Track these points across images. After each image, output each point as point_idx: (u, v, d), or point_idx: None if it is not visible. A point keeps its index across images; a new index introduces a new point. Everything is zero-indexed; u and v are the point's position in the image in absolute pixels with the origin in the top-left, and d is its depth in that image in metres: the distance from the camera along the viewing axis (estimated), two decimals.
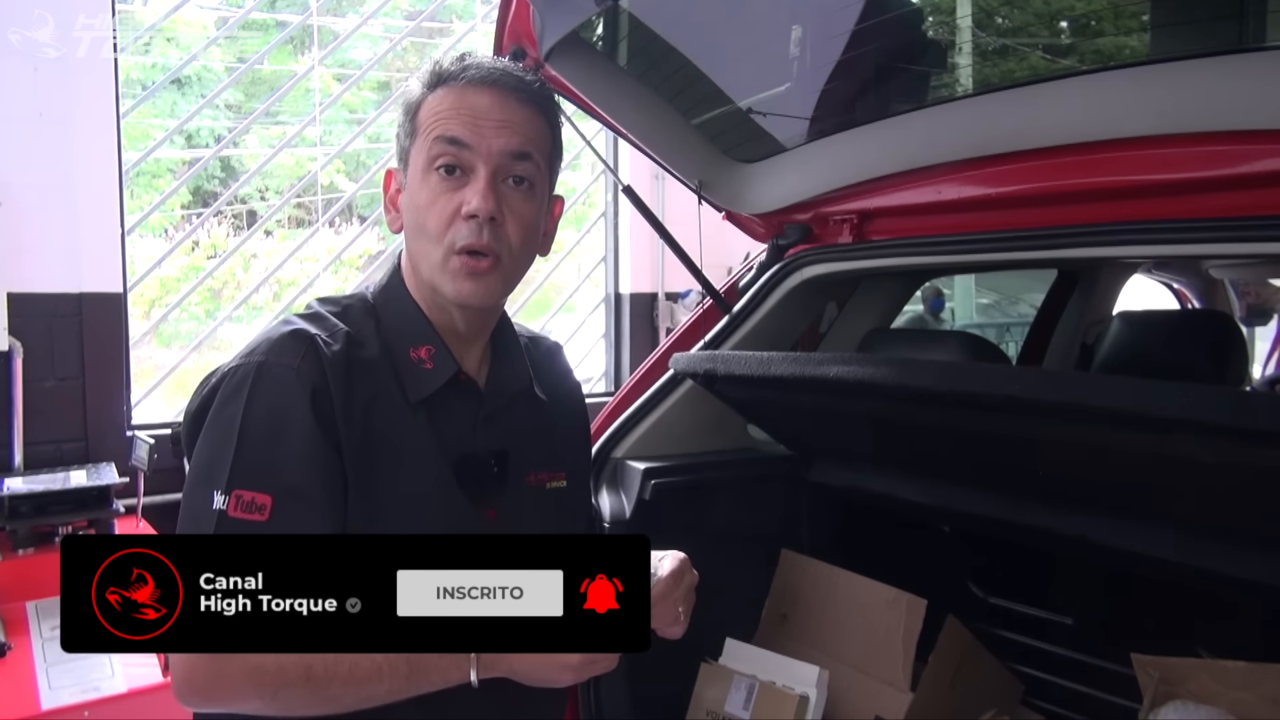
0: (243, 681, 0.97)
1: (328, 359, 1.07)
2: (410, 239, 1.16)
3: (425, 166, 1.12)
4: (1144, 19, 1.63)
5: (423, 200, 1.12)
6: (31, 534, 2.56)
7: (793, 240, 1.98)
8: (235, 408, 1.03)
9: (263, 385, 1.04)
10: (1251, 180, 1.31)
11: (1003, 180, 1.63)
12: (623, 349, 4.75)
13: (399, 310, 1.18)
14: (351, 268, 7.15)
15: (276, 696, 0.98)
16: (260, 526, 1.00)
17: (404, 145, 1.16)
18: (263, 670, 0.97)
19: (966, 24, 1.75)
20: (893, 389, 1.44)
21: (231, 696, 0.99)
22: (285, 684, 0.97)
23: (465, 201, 1.10)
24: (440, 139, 1.11)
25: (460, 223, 1.10)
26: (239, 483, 1.00)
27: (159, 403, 3.91)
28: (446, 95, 1.13)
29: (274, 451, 1.02)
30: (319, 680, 0.98)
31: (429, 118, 1.13)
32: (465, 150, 1.11)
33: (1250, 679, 1.36)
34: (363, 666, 0.99)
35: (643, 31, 1.85)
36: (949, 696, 1.69)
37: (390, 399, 1.12)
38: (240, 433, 1.02)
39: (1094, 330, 2.82)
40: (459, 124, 1.11)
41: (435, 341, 1.17)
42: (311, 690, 0.98)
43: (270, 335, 1.09)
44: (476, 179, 1.11)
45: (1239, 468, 1.21)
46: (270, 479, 1.02)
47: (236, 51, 7.92)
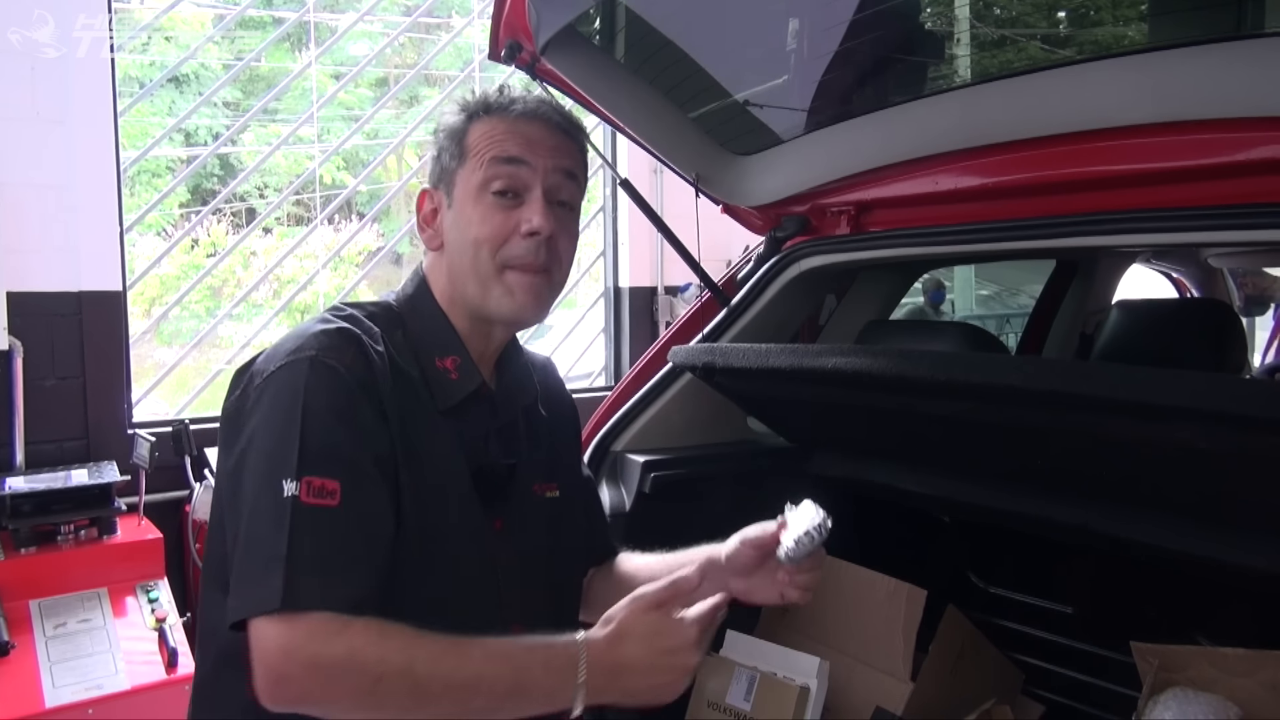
0: (340, 672, 0.95)
1: (373, 357, 1.10)
2: (455, 255, 1.19)
3: (480, 187, 1.17)
4: (1141, 8, 1.63)
5: (477, 218, 1.16)
6: (33, 533, 2.56)
7: (790, 232, 1.98)
8: (293, 400, 1.04)
9: (318, 378, 1.05)
10: (1249, 168, 1.31)
11: (1000, 170, 1.63)
12: (622, 343, 4.74)
13: (426, 320, 1.21)
14: (351, 264, 7.16)
15: (375, 691, 0.95)
16: (333, 512, 1.00)
17: (449, 167, 1.20)
18: (363, 659, 0.95)
19: (964, 14, 1.75)
20: (891, 380, 1.44)
21: (326, 690, 0.96)
22: (384, 676, 0.95)
23: (524, 220, 1.15)
24: (497, 159, 1.16)
25: (517, 240, 1.16)
26: (308, 470, 1.00)
27: (159, 401, 3.92)
28: (498, 123, 1.18)
29: (337, 439, 1.03)
30: (419, 678, 0.96)
31: (481, 141, 1.18)
32: (523, 168, 1.17)
33: (1249, 665, 1.37)
34: (465, 671, 0.98)
35: (639, 25, 1.84)
36: (949, 686, 1.69)
37: (420, 405, 1.15)
38: (303, 423, 1.02)
39: (1093, 320, 2.82)
40: (515, 145, 1.17)
41: (461, 353, 1.20)
42: (410, 688, 0.96)
43: (312, 331, 1.10)
44: (533, 199, 1.16)
45: (1238, 455, 1.21)
46: (338, 465, 1.02)
47: (233, 49, 7.92)
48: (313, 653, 0.95)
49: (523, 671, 1.00)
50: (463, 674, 0.98)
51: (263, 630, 0.97)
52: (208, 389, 3.91)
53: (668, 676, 1.04)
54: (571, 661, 1.01)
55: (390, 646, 0.96)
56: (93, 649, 2.36)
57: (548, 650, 1.02)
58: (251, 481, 1.03)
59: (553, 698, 1.01)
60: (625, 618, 1.04)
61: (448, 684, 0.98)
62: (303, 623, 0.96)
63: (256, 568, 0.98)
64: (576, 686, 1.00)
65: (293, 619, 0.96)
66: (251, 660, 0.97)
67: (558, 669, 1.01)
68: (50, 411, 2.98)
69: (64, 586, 2.51)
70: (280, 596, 0.95)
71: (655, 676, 1.04)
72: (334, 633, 0.96)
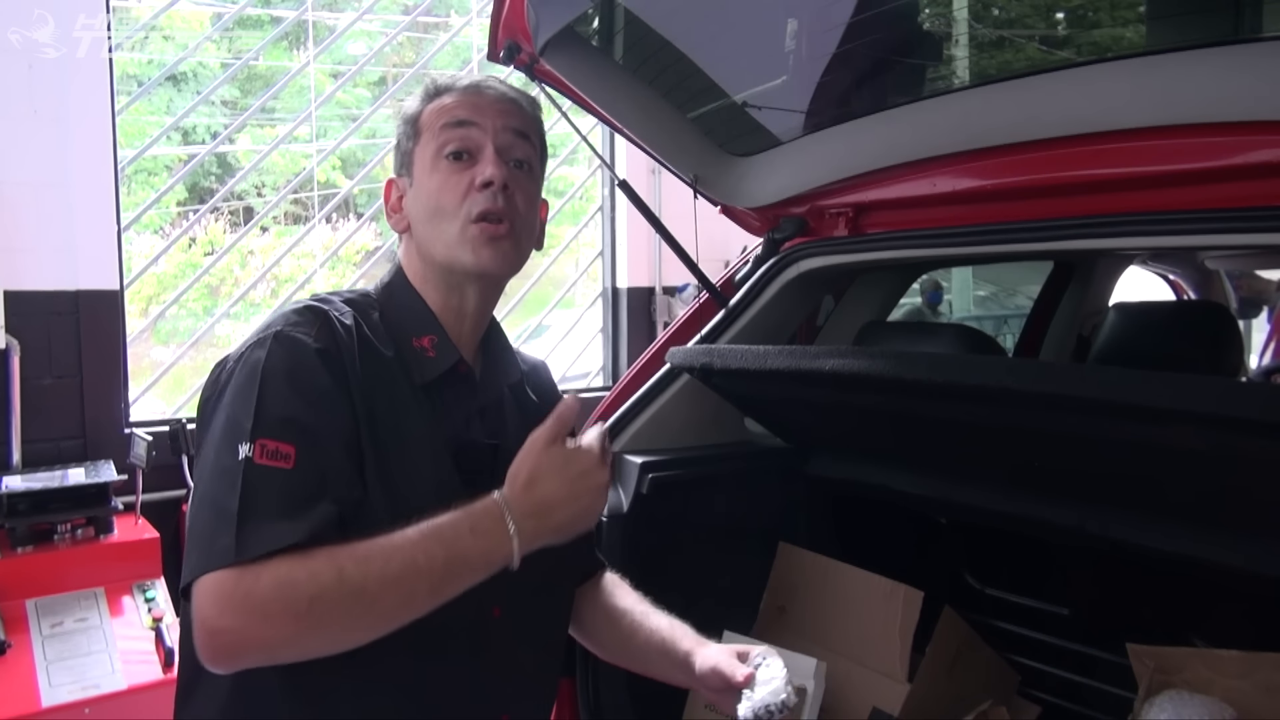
0: (272, 602, 0.93)
1: (339, 331, 1.12)
2: (421, 226, 1.22)
3: (434, 156, 1.20)
4: (1140, 10, 1.64)
5: (434, 185, 1.19)
6: (30, 532, 2.55)
7: (788, 234, 1.98)
8: (254, 370, 1.05)
9: (280, 349, 1.06)
10: (1247, 171, 1.31)
11: (998, 172, 1.63)
12: (620, 343, 4.75)
13: (402, 302, 1.23)
14: (348, 263, 7.16)
15: (312, 610, 0.94)
16: (286, 472, 1.00)
17: (406, 149, 1.24)
18: (290, 581, 0.94)
19: (963, 15, 1.75)
20: (889, 382, 1.44)
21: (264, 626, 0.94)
22: (317, 594, 0.94)
23: (479, 174, 1.18)
24: (447, 125, 1.20)
25: (475, 194, 1.18)
26: (263, 433, 1.00)
27: (157, 400, 3.91)
28: (447, 98, 1.23)
29: (295, 406, 1.03)
30: (353, 582, 0.95)
31: (432, 116, 1.22)
32: (472, 129, 1.20)
33: (1245, 667, 1.37)
34: (396, 560, 0.97)
35: (637, 25, 1.84)
36: (946, 687, 1.69)
37: (395, 382, 1.15)
38: (260, 389, 1.03)
39: (1090, 322, 2.83)
40: (464, 110, 1.21)
41: (438, 331, 1.22)
42: (347, 594, 0.95)
43: (281, 312, 1.13)
44: (485, 155, 1.19)
45: (1233, 458, 1.22)
46: (293, 429, 1.02)
47: (232, 48, 7.91)
48: (243, 592, 0.93)
49: (453, 543, 1.00)
50: (395, 565, 0.97)
51: (201, 587, 0.95)
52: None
53: (588, 499, 1.08)
54: (498, 516, 1.03)
55: (315, 562, 0.95)
56: (89, 648, 2.36)
57: (470, 515, 1.02)
58: (209, 451, 1.04)
59: (490, 558, 1.02)
60: (527, 460, 1.07)
61: (383, 579, 0.96)
62: (233, 569, 0.94)
63: (207, 529, 0.97)
64: (509, 538, 1.02)
65: (228, 569, 0.94)
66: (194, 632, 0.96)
67: (486, 529, 1.02)
68: (47, 410, 2.98)
69: (61, 586, 2.51)
70: (233, 551, 0.94)
71: (577, 503, 1.07)
72: (257, 569, 0.94)
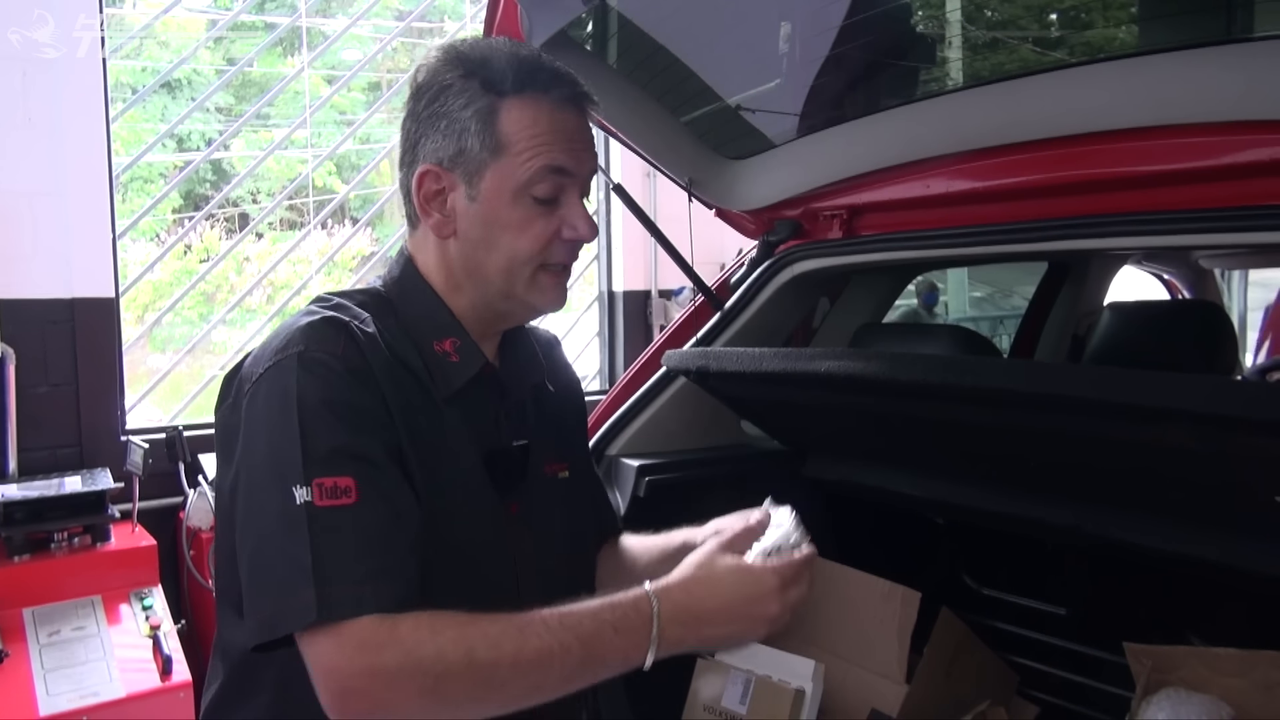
0: (401, 677, 0.91)
1: (364, 344, 1.05)
2: (477, 251, 1.12)
3: (519, 190, 1.09)
4: (1132, 11, 1.64)
5: (515, 222, 1.10)
6: (27, 540, 2.55)
7: (783, 236, 1.98)
8: (285, 401, 0.98)
9: (309, 373, 0.99)
10: (1239, 171, 1.32)
11: (992, 174, 1.63)
12: (616, 347, 4.75)
13: (419, 302, 1.15)
14: (344, 269, 7.15)
15: (439, 688, 0.91)
16: (352, 509, 0.95)
17: (475, 155, 1.09)
18: (419, 658, 0.91)
19: (955, 18, 1.75)
20: (884, 383, 1.44)
21: (391, 696, 0.91)
22: (445, 673, 0.91)
23: (568, 226, 1.11)
24: (547, 168, 1.09)
25: (559, 244, 1.12)
26: (317, 471, 0.95)
27: (153, 407, 3.91)
28: (537, 113, 1.09)
29: (340, 434, 0.98)
30: (482, 666, 0.92)
31: (523, 136, 1.08)
32: (567, 180, 1.11)
33: (1242, 666, 1.37)
34: (530, 648, 0.94)
35: (631, 30, 1.85)
36: (944, 688, 1.69)
37: (422, 390, 1.10)
38: (301, 423, 0.97)
39: (1085, 322, 2.83)
40: (562, 152, 1.10)
41: (459, 333, 1.14)
42: (475, 678, 0.92)
43: (298, 326, 1.04)
44: (573, 203, 1.12)
45: (1228, 456, 1.22)
46: (346, 461, 0.97)
47: (226, 54, 7.91)
48: (367, 663, 0.91)
49: (593, 639, 0.97)
50: (529, 653, 0.94)
51: (313, 648, 0.92)
52: (201, 395, 3.91)
53: (746, 625, 1.04)
54: (645, 620, 0.99)
55: (445, 639, 0.92)
56: (87, 657, 2.35)
57: (615, 611, 0.98)
58: (256, 494, 0.98)
59: (628, 658, 0.99)
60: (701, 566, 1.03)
61: (515, 666, 0.94)
62: (349, 632, 0.91)
63: (276, 583, 0.94)
64: (651, 641, 0.98)
65: (338, 630, 0.91)
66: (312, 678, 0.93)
67: (631, 629, 0.98)
68: (43, 418, 2.98)
69: (58, 594, 2.51)
70: (315, 609, 0.91)
71: (734, 625, 1.03)
72: (383, 637, 0.91)
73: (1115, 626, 1.70)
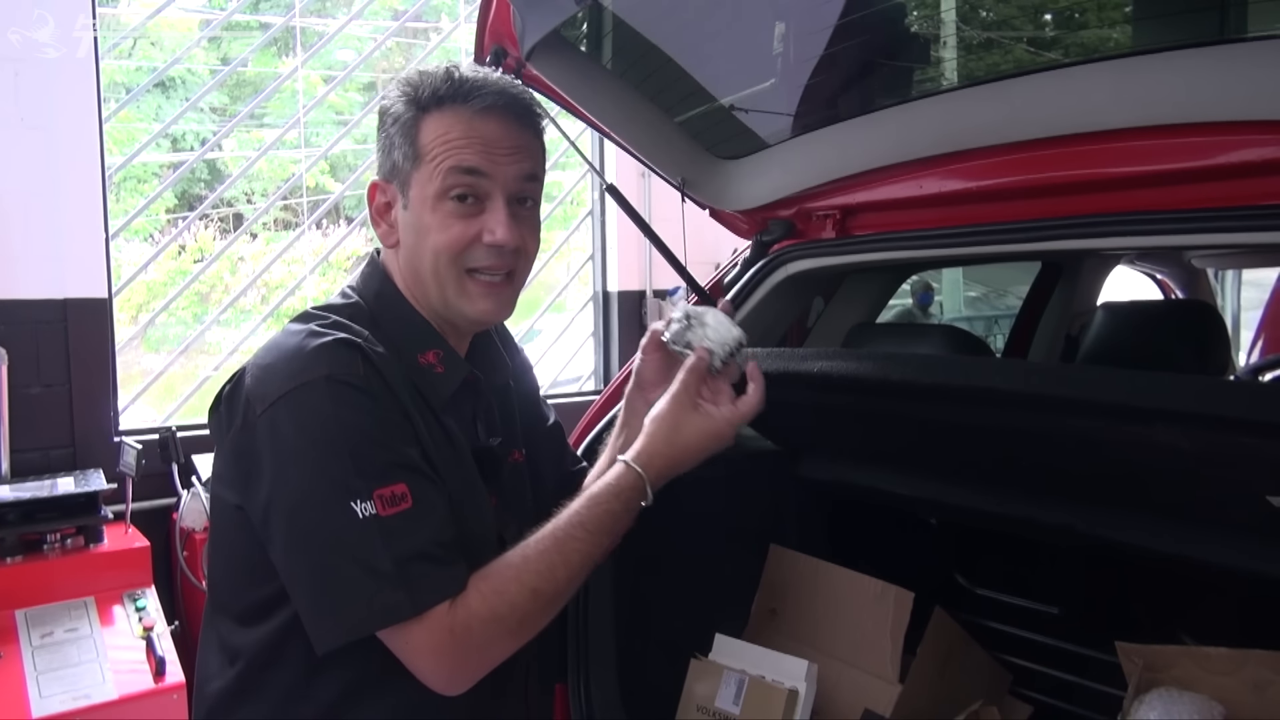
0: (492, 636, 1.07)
1: (379, 363, 1.10)
2: (413, 258, 1.18)
3: (438, 194, 1.13)
4: (1126, 11, 1.64)
5: (434, 224, 1.14)
6: (19, 542, 2.54)
7: (777, 236, 1.98)
8: (324, 425, 1.05)
9: (341, 396, 1.05)
10: (1233, 171, 1.32)
11: (985, 174, 1.63)
12: (611, 346, 4.75)
13: (400, 317, 1.20)
14: (339, 269, 7.13)
15: (523, 626, 1.09)
16: (412, 511, 1.05)
17: (402, 167, 1.16)
18: (499, 615, 1.06)
19: (950, 17, 1.76)
20: (878, 384, 1.45)
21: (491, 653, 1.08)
22: (524, 616, 1.08)
23: (488, 230, 1.14)
24: (456, 169, 1.13)
25: (479, 247, 1.15)
26: (376, 483, 1.04)
27: (146, 408, 3.90)
28: (453, 121, 1.14)
29: (384, 447, 1.06)
30: (547, 593, 1.09)
31: (436, 144, 1.13)
32: (482, 179, 1.14)
33: (1232, 664, 1.37)
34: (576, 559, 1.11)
35: (624, 30, 1.85)
36: (937, 688, 1.69)
37: (422, 400, 1.16)
38: (349, 443, 1.04)
39: (1078, 321, 2.84)
40: (473, 153, 1.13)
41: (441, 345, 1.21)
42: (547, 602, 1.10)
43: (311, 348, 1.08)
44: (495, 208, 1.15)
45: (1219, 456, 1.22)
46: (397, 469, 1.06)
47: (220, 54, 7.90)
48: (463, 643, 1.05)
49: (614, 526, 1.14)
50: (576, 562, 1.11)
51: (409, 640, 1.04)
52: (195, 395, 3.90)
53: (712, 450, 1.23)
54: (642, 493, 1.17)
55: (509, 590, 1.07)
56: (80, 658, 2.34)
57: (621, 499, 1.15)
58: (310, 513, 1.04)
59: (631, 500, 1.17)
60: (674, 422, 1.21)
61: (570, 578, 1.11)
62: (434, 619, 1.04)
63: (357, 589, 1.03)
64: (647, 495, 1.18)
65: (426, 620, 1.03)
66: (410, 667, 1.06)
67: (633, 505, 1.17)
68: (36, 419, 2.97)
69: (50, 595, 2.50)
70: (408, 604, 1.02)
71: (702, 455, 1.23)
72: (463, 616, 1.04)
73: (1108, 626, 1.71)
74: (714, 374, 1.26)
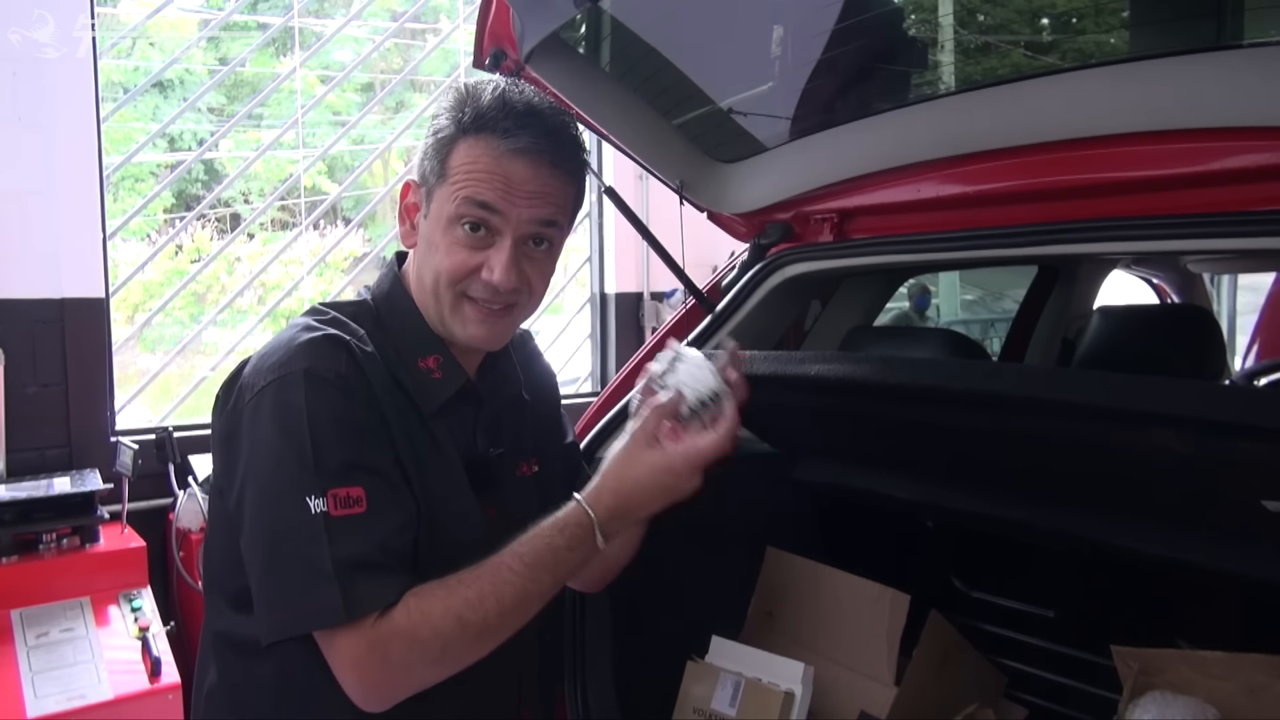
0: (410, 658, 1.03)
1: (363, 362, 1.11)
2: (422, 267, 1.19)
3: (450, 219, 1.14)
4: (1123, 16, 1.65)
5: (442, 246, 1.15)
6: (15, 541, 2.53)
7: (774, 239, 1.99)
8: (296, 417, 1.05)
9: (316, 391, 1.06)
10: (1229, 176, 1.32)
11: (982, 178, 1.64)
12: (609, 349, 4.75)
13: (404, 319, 1.21)
14: (336, 270, 7.13)
15: (445, 655, 1.05)
16: (363, 517, 1.04)
17: (429, 179, 1.17)
18: (420, 638, 1.03)
19: (948, 22, 1.76)
20: (874, 387, 1.45)
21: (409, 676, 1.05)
22: (446, 643, 1.04)
23: (488, 268, 1.14)
24: (471, 200, 1.12)
25: (477, 280, 1.15)
26: (331, 483, 1.03)
27: (143, 408, 3.89)
28: (483, 152, 1.12)
29: (349, 448, 1.06)
30: (474, 625, 1.04)
31: (461, 170, 1.13)
32: (495, 215, 1.13)
33: (1228, 668, 1.38)
34: (509, 594, 1.06)
35: (623, 33, 1.85)
36: (933, 690, 1.70)
37: (412, 406, 1.16)
38: (312, 438, 1.04)
39: (1075, 325, 2.84)
40: (491, 190, 1.12)
41: (442, 351, 1.21)
42: (473, 635, 1.05)
43: (300, 342, 1.10)
44: (501, 246, 1.14)
45: (1215, 461, 1.23)
46: (357, 472, 1.05)
47: (218, 54, 7.89)
48: (380, 658, 1.02)
49: (555, 565, 1.09)
50: (509, 598, 1.06)
51: (335, 646, 1.03)
52: (191, 396, 3.89)
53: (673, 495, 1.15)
54: (589, 531, 1.11)
55: (434, 613, 1.03)
56: (75, 658, 2.34)
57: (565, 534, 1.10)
58: (267, 502, 1.05)
59: (585, 560, 1.13)
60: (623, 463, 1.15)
61: (501, 613, 1.06)
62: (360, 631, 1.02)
63: (298, 586, 1.02)
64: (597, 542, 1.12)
65: (355, 629, 1.01)
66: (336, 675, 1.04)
67: (580, 543, 1.11)
68: (32, 419, 2.96)
69: (46, 595, 2.49)
70: (342, 610, 1.00)
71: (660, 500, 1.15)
72: (385, 629, 1.02)
73: (1103, 629, 1.71)
74: (684, 420, 1.18)
